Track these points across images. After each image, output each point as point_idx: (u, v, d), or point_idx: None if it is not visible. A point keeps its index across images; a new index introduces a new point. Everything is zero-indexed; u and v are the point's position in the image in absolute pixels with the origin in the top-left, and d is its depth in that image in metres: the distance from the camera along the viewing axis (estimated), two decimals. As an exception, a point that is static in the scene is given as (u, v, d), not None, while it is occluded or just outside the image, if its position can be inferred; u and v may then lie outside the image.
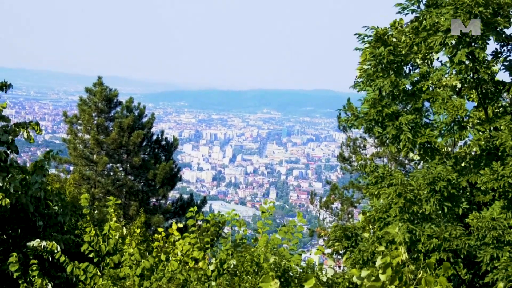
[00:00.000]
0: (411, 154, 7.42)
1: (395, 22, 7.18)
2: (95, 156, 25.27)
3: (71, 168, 26.19)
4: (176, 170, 26.51)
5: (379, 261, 4.26)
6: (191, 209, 8.37)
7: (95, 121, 25.58)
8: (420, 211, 6.65)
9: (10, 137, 9.56)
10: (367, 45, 7.10)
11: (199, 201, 27.41)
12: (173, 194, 28.81)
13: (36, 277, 8.49)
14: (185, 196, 27.69)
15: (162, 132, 27.47)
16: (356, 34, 7.24)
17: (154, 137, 26.60)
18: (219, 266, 7.60)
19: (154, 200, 26.19)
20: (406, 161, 20.80)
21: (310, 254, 7.56)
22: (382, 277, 4.21)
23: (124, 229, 8.97)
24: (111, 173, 25.83)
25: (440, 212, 6.70)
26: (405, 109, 7.18)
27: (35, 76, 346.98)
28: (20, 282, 8.60)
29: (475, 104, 7.52)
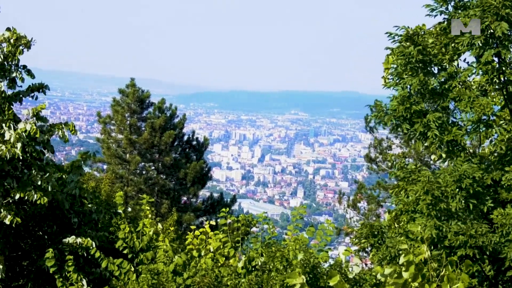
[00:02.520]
0: (433, 156, 7.47)
1: (418, 28, 7.25)
2: (128, 155, 25.67)
3: (105, 167, 26.65)
4: (206, 169, 26.77)
5: (402, 259, 4.30)
6: (223, 209, 8.62)
7: (128, 122, 25.98)
8: (448, 208, 6.69)
9: (46, 137, 9.70)
10: (397, 44, 7.19)
11: (228, 200, 27.62)
12: (203, 193, 29.09)
13: (71, 272, 8.65)
14: (215, 195, 27.92)
15: (193, 132, 27.77)
16: (387, 33, 7.33)
17: (185, 137, 26.89)
18: (247, 263, 7.75)
19: (185, 198, 26.46)
20: (431, 161, 20.72)
21: (338, 254, 7.68)
22: (405, 275, 4.27)
23: (159, 225, 9.10)
24: (144, 172, 26.20)
25: (466, 209, 6.74)
26: (433, 108, 7.24)
27: (69, 78, 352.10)
28: (56, 277, 8.78)
29: (499, 106, 7.56)
